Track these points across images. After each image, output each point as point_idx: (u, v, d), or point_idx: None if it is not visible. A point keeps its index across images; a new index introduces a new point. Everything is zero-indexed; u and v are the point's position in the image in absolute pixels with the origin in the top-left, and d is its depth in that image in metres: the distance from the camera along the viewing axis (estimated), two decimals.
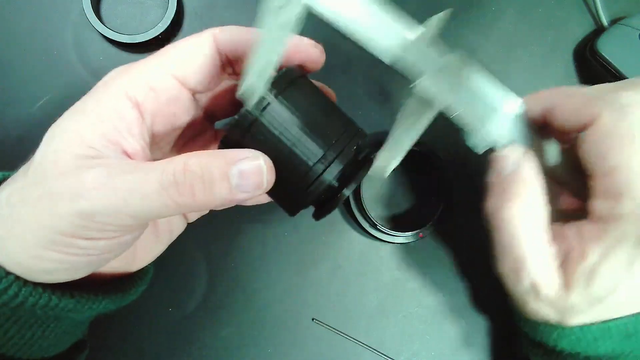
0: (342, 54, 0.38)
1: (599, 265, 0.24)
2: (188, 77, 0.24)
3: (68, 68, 0.36)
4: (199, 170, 0.20)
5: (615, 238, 0.23)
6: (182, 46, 0.24)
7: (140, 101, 0.22)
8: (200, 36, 0.24)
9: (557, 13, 0.40)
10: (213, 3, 0.38)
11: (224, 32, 0.24)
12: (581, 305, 0.25)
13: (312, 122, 0.23)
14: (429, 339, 0.38)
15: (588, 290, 0.25)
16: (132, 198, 0.19)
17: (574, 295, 0.25)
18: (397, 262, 0.38)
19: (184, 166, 0.20)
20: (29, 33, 0.36)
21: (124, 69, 0.23)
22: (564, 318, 0.26)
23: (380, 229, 0.36)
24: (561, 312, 0.26)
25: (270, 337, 0.36)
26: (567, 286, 0.25)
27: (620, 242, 0.23)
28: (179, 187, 0.19)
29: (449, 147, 0.39)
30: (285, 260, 0.37)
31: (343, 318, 0.37)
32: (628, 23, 0.37)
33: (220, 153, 0.21)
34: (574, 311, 0.26)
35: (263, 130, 0.22)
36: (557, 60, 0.39)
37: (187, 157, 0.20)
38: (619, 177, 0.23)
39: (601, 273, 0.24)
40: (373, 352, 0.37)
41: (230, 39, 0.24)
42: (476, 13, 0.39)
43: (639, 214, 0.22)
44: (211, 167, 0.20)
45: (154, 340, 0.35)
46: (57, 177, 0.20)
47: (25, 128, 0.36)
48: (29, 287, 0.21)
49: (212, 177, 0.20)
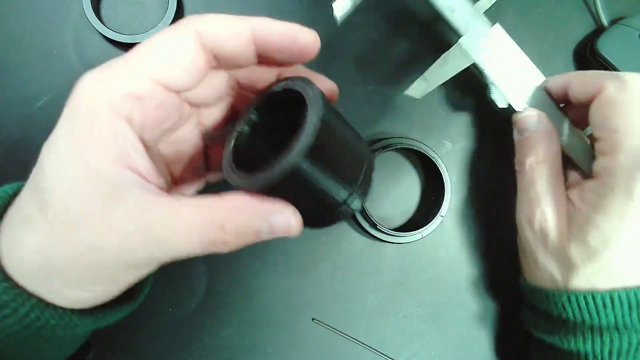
0: (342, 54, 0.38)
1: (592, 216, 0.27)
2: (172, 80, 0.22)
3: (68, 68, 0.36)
4: (234, 232, 0.21)
5: (607, 188, 0.26)
6: (162, 45, 0.21)
7: (130, 114, 0.21)
8: (181, 31, 0.21)
9: (557, 13, 0.40)
10: (213, 3, 0.38)
11: (207, 25, 0.21)
12: (579, 257, 0.27)
13: (341, 167, 0.22)
14: (429, 339, 0.38)
15: (583, 241, 0.27)
16: (175, 254, 0.21)
17: (572, 247, 0.28)
18: (397, 262, 0.38)
19: (222, 231, 0.21)
20: (29, 33, 0.36)
21: (100, 77, 0.21)
22: (567, 276, 0.28)
23: (380, 229, 0.36)
24: (565, 267, 0.28)
25: (270, 337, 0.36)
26: (568, 237, 0.28)
27: (612, 193, 0.26)
28: (217, 244, 0.21)
29: (449, 147, 0.39)
30: (285, 260, 0.37)
31: (343, 318, 0.37)
32: (628, 23, 0.37)
33: (253, 210, 0.21)
34: (574, 266, 0.28)
35: (298, 181, 0.21)
36: (557, 60, 0.39)
37: (223, 219, 0.21)
38: (616, 137, 0.26)
39: (594, 222, 0.27)
40: (373, 352, 0.37)
41: (215, 35, 0.22)
42: None
43: (628, 167, 0.25)
44: (246, 228, 0.21)
45: (154, 340, 0.35)
46: (89, 221, 0.20)
47: (25, 128, 0.36)
48: (50, 309, 0.22)
49: (246, 234, 0.21)
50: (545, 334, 0.31)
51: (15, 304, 0.21)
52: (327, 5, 0.37)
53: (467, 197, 0.39)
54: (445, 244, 0.39)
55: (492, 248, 0.38)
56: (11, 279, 0.21)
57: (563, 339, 0.30)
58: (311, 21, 0.38)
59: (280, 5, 0.38)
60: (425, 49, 0.39)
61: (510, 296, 0.37)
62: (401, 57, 0.39)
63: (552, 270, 0.30)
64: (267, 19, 0.22)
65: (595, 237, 0.27)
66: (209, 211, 0.21)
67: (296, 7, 0.38)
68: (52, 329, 0.22)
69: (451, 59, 0.33)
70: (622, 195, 0.26)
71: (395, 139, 0.37)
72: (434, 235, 0.37)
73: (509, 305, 0.38)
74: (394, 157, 0.39)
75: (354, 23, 0.39)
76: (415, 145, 0.37)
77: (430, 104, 0.39)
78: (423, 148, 0.36)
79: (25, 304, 0.21)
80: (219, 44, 0.22)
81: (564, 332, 0.30)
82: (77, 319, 0.23)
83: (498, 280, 0.39)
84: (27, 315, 0.21)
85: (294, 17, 0.38)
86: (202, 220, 0.20)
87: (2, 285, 0.21)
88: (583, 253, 0.27)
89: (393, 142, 0.37)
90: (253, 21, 0.22)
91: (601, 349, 0.28)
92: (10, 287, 0.21)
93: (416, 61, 0.38)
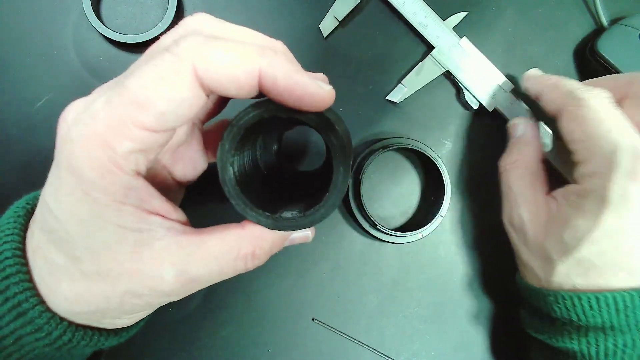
0: (342, 53, 0.38)
1: (569, 215, 0.29)
2: (171, 125, 0.20)
3: (68, 68, 0.36)
4: (264, 257, 0.23)
5: (585, 191, 0.28)
6: (156, 92, 0.19)
7: (136, 167, 0.20)
8: (177, 74, 0.19)
9: (557, 13, 0.40)
10: (213, 3, 0.38)
11: (207, 70, 0.19)
12: (555, 253, 0.29)
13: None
14: (429, 339, 0.38)
15: (559, 238, 0.29)
16: (207, 284, 0.22)
17: (549, 243, 0.30)
18: (397, 262, 0.38)
19: (253, 258, 0.23)
20: (29, 33, 0.36)
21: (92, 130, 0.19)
22: (548, 272, 0.30)
23: (380, 229, 0.36)
24: (544, 263, 0.30)
25: (270, 337, 0.36)
26: (546, 235, 0.30)
27: (589, 195, 0.28)
28: (248, 268, 0.23)
29: (449, 147, 0.39)
30: (285, 260, 0.37)
31: (343, 318, 0.37)
32: (628, 23, 0.37)
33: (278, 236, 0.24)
34: (552, 262, 0.29)
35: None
36: (557, 60, 0.39)
37: (252, 250, 0.23)
38: (584, 147, 0.29)
39: (570, 221, 0.28)
40: (373, 352, 0.37)
41: (217, 79, 0.19)
42: (476, 13, 0.39)
43: (601, 172, 0.27)
44: (273, 251, 0.24)
45: (154, 340, 0.35)
46: (125, 271, 0.21)
47: (25, 128, 0.36)
48: (81, 332, 0.23)
49: (272, 254, 0.24)
50: (538, 332, 0.32)
51: (49, 327, 0.22)
52: (327, 5, 0.37)
53: (467, 197, 0.39)
54: (445, 244, 0.39)
55: (492, 248, 0.38)
56: (45, 302, 0.22)
57: (553, 337, 0.30)
58: (311, 21, 0.38)
59: (280, 6, 0.38)
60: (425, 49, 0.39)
61: (509, 296, 0.37)
62: (401, 57, 0.39)
63: (534, 267, 0.31)
64: (281, 59, 0.20)
65: (570, 235, 0.28)
66: (236, 244, 0.22)
67: (296, 7, 0.38)
68: (82, 348, 0.23)
69: (425, 68, 0.38)
70: (597, 197, 0.27)
71: (395, 139, 0.37)
72: (434, 235, 0.37)
73: (509, 305, 0.38)
74: (394, 157, 0.39)
75: (355, 23, 0.39)
76: (415, 145, 0.37)
77: (430, 103, 0.39)
78: (423, 148, 0.36)
79: (58, 327, 0.22)
80: (220, 86, 0.19)
81: (554, 330, 0.30)
82: (104, 339, 0.24)
83: (498, 280, 0.39)
84: (59, 338, 0.22)
85: (294, 17, 0.38)
86: (231, 253, 0.22)
87: (37, 309, 0.22)
88: (559, 249, 0.29)
89: (393, 142, 0.37)
90: (262, 62, 0.19)
91: (588, 349, 0.28)
92: (45, 310, 0.22)
93: (416, 61, 0.38)
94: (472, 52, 0.37)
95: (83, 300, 0.21)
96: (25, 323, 0.21)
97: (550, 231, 0.30)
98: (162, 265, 0.21)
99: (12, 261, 0.22)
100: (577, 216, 0.28)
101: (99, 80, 0.37)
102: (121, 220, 0.20)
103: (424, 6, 0.37)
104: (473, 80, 0.37)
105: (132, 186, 0.20)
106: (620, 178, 0.26)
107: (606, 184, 0.27)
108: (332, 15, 0.37)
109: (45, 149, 0.35)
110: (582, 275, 0.28)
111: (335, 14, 0.37)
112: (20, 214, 0.23)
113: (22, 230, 0.23)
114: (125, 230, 0.20)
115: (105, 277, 0.21)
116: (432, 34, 0.37)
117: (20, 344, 0.22)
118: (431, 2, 0.37)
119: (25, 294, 0.21)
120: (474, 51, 0.38)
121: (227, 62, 0.19)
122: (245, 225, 0.23)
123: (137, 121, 0.19)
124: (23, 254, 0.22)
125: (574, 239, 0.28)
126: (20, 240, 0.22)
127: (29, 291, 0.21)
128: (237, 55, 0.19)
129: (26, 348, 0.22)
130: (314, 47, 0.38)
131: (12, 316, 0.21)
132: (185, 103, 0.19)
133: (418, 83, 0.38)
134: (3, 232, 0.22)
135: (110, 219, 0.20)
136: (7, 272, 0.21)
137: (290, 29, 0.38)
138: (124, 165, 0.19)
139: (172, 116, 0.19)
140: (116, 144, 0.19)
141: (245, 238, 0.22)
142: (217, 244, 0.22)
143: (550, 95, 0.32)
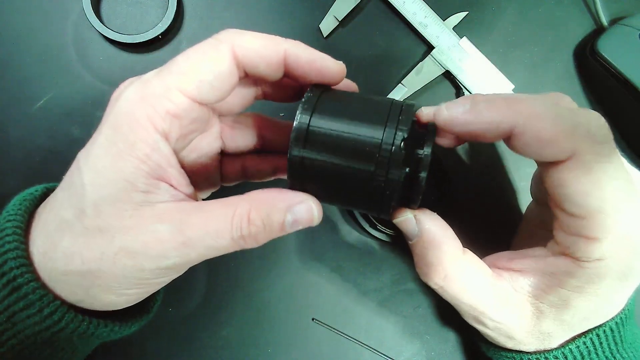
0: (342, 55, 0.38)
1: (570, 297, 0.25)
2: (207, 97, 0.23)
3: (68, 68, 0.36)
4: (261, 224, 0.22)
5: (596, 275, 0.24)
6: (199, 64, 0.22)
7: (167, 131, 0.22)
8: (219, 49, 0.23)
9: (557, 13, 0.40)
10: (213, 3, 0.38)
11: (244, 45, 0.23)
12: (555, 333, 0.27)
13: (358, 113, 0.24)
14: (429, 339, 0.38)
15: (560, 319, 0.26)
16: (208, 252, 0.22)
17: (546, 323, 0.26)
18: (397, 262, 0.38)
19: (249, 222, 0.22)
20: (29, 33, 0.36)
21: (142, 92, 0.22)
22: (547, 344, 0.28)
23: (380, 229, 0.36)
24: (541, 343, 0.28)
25: (270, 337, 0.36)
26: (539, 314, 0.26)
27: (603, 279, 0.24)
28: (246, 239, 0.22)
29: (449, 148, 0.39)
30: (285, 260, 0.37)
31: (343, 318, 0.37)
32: (628, 23, 0.37)
33: (276, 201, 0.23)
34: (550, 339, 0.27)
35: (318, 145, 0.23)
36: (557, 60, 0.39)
37: (248, 209, 0.22)
38: (602, 219, 0.23)
39: (571, 303, 0.25)
40: (373, 352, 0.37)
41: (251, 57, 0.23)
42: (476, 13, 0.39)
43: (621, 256, 0.23)
44: (271, 219, 0.23)
45: (154, 340, 0.35)
46: (124, 228, 0.21)
47: (25, 128, 0.36)
48: (72, 314, 0.23)
49: (272, 227, 0.23)
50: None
51: (41, 303, 0.22)
52: (327, 5, 0.38)
53: (467, 197, 0.39)
54: None
55: (493, 248, 0.38)
56: (40, 279, 0.22)
57: None
58: (311, 21, 0.38)
59: (280, 6, 0.38)
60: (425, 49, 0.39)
61: None
62: (401, 57, 0.39)
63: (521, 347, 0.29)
64: (300, 43, 0.25)
65: (573, 314, 0.26)
66: (234, 205, 0.22)
67: (296, 7, 0.38)
68: (70, 334, 0.23)
69: (425, 68, 0.38)
70: (613, 279, 0.24)
71: None
72: None
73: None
74: None
75: (355, 23, 0.39)
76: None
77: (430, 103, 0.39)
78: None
79: (50, 305, 0.22)
80: (253, 64, 0.24)
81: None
82: (94, 328, 0.24)
83: None
84: (49, 316, 0.22)
85: (294, 17, 0.38)
86: (228, 213, 0.22)
87: (31, 285, 0.22)
88: (560, 329, 0.27)
89: None
90: (286, 45, 0.24)
91: None
92: (39, 287, 0.22)
93: (416, 61, 0.38)
94: (472, 52, 0.37)
95: (79, 257, 0.22)
96: (18, 298, 0.22)
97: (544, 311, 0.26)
98: (159, 221, 0.21)
99: (11, 238, 0.23)
100: (581, 299, 0.25)
101: (99, 80, 0.37)
102: (133, 177, 0.21)
103: (424, 6, 0.37)
104: (473, 80, 0.37)
105: (157, 147, 0.22)
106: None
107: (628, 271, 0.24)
108: (332, 15, 0.37)
109: (45, 149, 0.35)
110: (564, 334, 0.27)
111: (335, 14, 0.37)
112: (27, 197, 0.25)
113: (25, 212, 0.24)
114: (133, 188, 0.21)
115: (104, 233, 0.21)
116: (432, 34, 0.37)
117: (13, 322, 0.22)
118: (431, 2, 0.38)
119: (21, 270, 0.22)
120: (474, 51, 0.37)
121: (260, 44, 0.23)
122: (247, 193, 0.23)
123: (180, 87, 0.22)
124: (25, 234, 0.23)
125: (580, 319, 0.26)
126: (22, 220, 0.24)
127: (25, 267, 0.22)
128: (267, 39, 0.24)
129: (18, 326, 0.22)
130: (314, 47, 0.37)
131: (7, 291, 0.22)
132: (223, 76, 0.23)
133: (418, 83, 0.38)
134: (8, 212, 0.24)
135: (123, 173, 0.21)
136: (6, 248, 0.22)
137: (290, 29, 0.38)
138: (158, 124, 0.22)
139: (209, 86, 0.22)
140: (157, 103, 0.22)
141: (243, 199, 0.23)
142: (215, 204, 0.22)
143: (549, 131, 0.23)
